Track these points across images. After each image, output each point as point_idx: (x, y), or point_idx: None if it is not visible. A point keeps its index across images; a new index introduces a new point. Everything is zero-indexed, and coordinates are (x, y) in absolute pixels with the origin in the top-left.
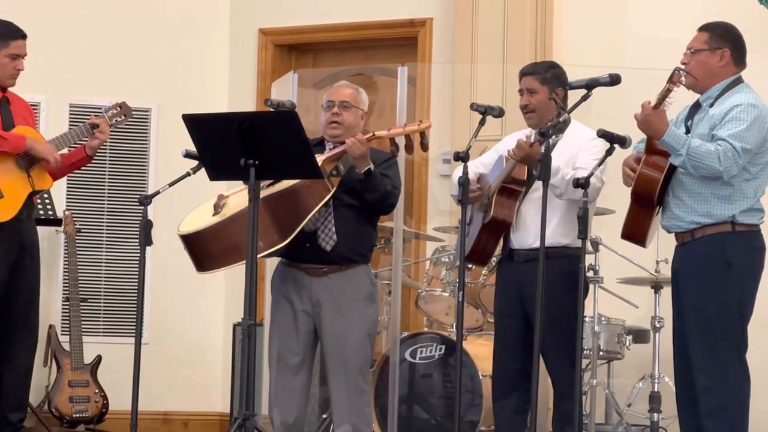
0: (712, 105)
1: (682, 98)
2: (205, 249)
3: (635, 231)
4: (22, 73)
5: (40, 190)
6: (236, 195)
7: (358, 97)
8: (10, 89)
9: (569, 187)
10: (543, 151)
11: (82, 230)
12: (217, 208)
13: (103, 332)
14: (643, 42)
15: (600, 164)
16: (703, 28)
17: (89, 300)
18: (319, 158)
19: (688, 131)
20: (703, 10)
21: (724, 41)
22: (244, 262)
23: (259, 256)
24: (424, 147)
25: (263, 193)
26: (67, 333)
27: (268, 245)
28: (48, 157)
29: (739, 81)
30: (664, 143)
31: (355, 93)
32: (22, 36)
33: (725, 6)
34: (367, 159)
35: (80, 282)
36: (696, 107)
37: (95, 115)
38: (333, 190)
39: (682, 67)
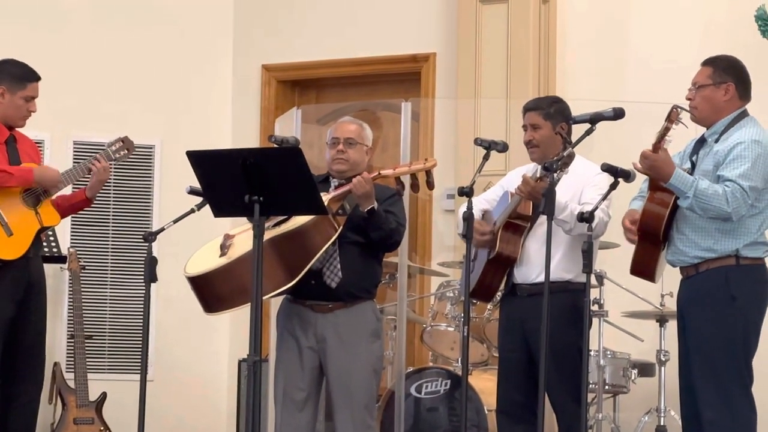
0: (717, 140)
1: (685, 133)
2: (213, 290)
3: (644, 267)
4: None
5: (48, 226)
6: (242, 235)
7: (362, 133)
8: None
9: (578, 222)
10: (547, 185)
11: (87, 267)
12: (224, 248)
13: (108, 369)
14: (645, 76)
15: (604, 198)
16: (707, 63)
17: (94, 337)
18: (325, 197)
19: (693, 166)
20: (704, 43)
21: (728, 75)
22: None
23: (266, 296)
24: (430, 185)
25: (269, 235)
26: (72, 370)
27: (276, 286)
28: (56, 185)
29: (744, 115)
30: (672, 186)
31: (360, 129)
32: (37, 78)
33: (726, 38)
34: (372, 198)
35: (85, 319)
36: (701, 142)
37: (98, 154)
38: (339, 230)
39: (681, 105)
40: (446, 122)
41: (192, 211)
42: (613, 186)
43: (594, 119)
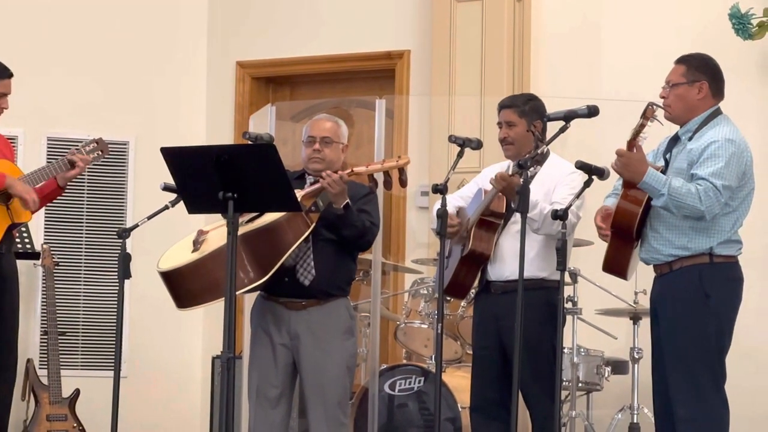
0: (690, 138)
1: (660, 131)
2: (185, 286)
3: (616, 264)
4: None
5: (19, 223)
6: (216, 231)
7: (338, 131)
8: None
9: (547, 221)
10: (521, 182)
11: (60, 263)
12: (197, 244)
13: (82, 366)
14: (620, 73)
15: (578, 196)
16: (680, 61)
17: (67, 333)
18: (299, 194)
19: (667, 164)
20: (679, 41)
21: (701, 74)
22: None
23: (238, 292)
24: (403, 183)
25: (242, 230)
26: (45, 367)
27: (248, 281)
28: (26, 197)
29: (717, 113)
30: (645, 185)
31: (336, 127)
32: (9, 75)
33: (700, 36)
34: (344, 195)
35: (58, 315)
36: (675, 140)
37: (75, 149)
38: (312, 226)
39: (655, 101)
40: (420, 119)
41: (166, 207)
42: (587, 183)
43: (568, 117)
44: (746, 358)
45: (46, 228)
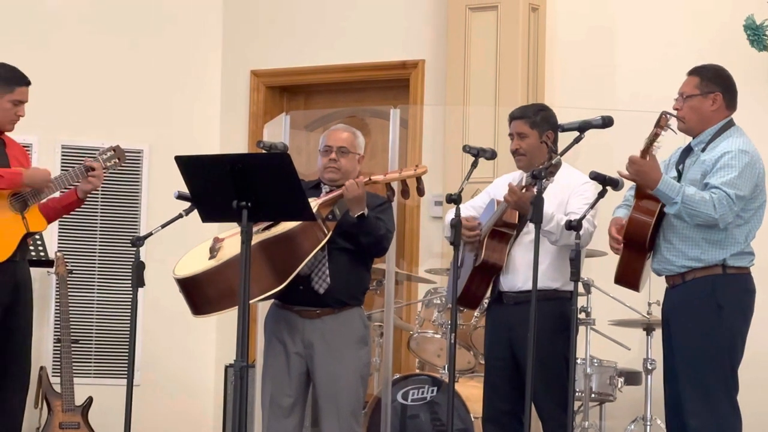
0: (704, 150)
1: (672, 141)
2: (202, 293)
3: (628, 275)
4: None
5: (34, 231)
6: (232, 238)
7: (354, 142)
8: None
9: (564, 232)
10: (535, 193)
11: (74, 271)
12: (213, 251)
13: (95, 374)
14: (633, 82)
15: (592, 207)
16: (693, 72)
17: (80, 341)
18: (315, 203)
19: (679, 175)
20: (692, 50)
21: (715, 85)
22: None
23: (254, 300)
24: (421, 192)
25: (259, 238)
26: (58, 375)
27: (264, 289)
28: (47, 184)
29: (730, 124)
30: (659, 192)
31: (352, 137)
32: (27, 83)
33: (713, 46)
34: (363, 203)
35: (71, 323)
36: (688, 151)
37: (91, 158)
38: (328, 235)
39: (670, 111)
40: (435, 129)
41: (180, 216)
42: (601, 194)
43: (582, 127)
44: (759, 369)
45: (60, 236)
